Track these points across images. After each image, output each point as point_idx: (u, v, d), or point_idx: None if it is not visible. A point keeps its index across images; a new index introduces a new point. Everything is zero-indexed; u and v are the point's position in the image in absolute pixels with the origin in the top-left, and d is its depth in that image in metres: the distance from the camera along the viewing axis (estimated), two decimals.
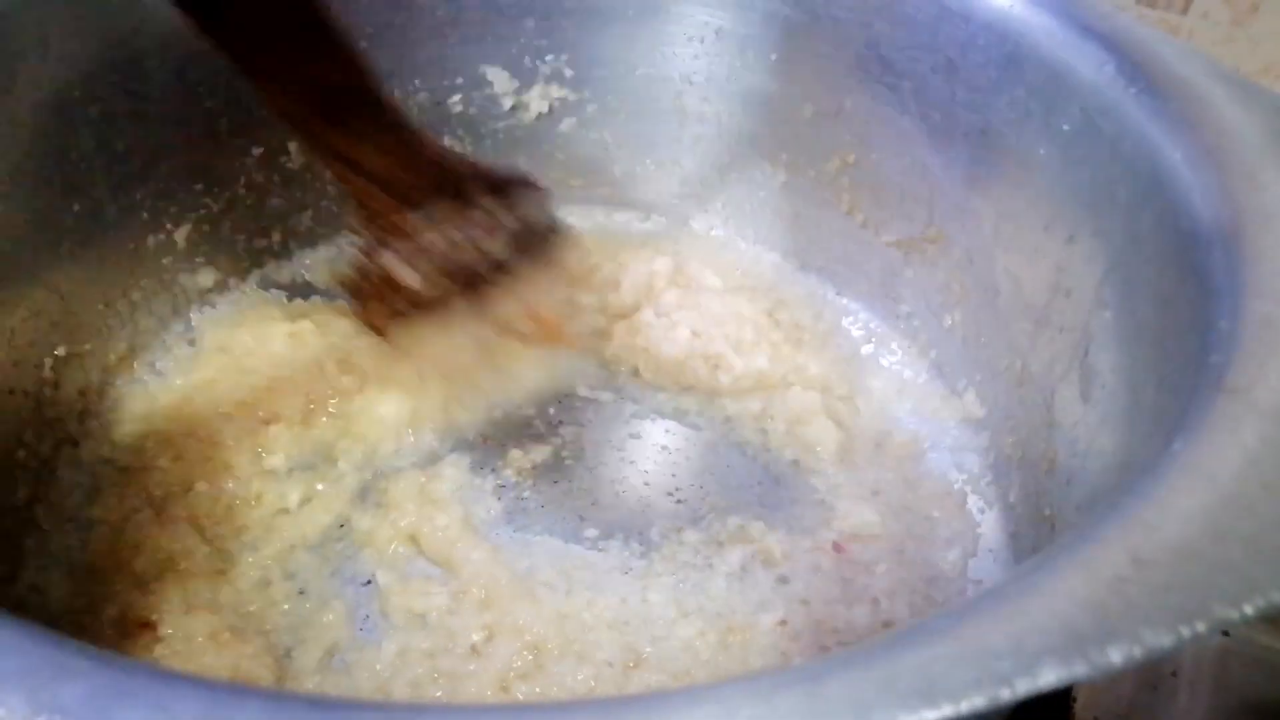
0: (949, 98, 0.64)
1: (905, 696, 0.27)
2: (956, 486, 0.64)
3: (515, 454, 0.64)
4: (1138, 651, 0.28)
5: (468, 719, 0.27)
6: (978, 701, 0.27)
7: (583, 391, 0.68)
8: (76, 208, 0.59)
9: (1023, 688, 0.28)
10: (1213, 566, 0.31)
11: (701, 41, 0.72)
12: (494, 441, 0.65)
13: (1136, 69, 0.53)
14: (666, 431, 0.67)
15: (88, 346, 0.62)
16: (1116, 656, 0.28)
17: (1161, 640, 0.29)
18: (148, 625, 0.49)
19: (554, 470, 0.64)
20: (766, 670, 0.42)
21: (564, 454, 0.65)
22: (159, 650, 0.48)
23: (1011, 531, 0.62)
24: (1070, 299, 0.57)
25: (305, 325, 0.68)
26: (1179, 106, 0.50)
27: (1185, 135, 0.48)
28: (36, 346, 0.58)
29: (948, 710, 0.27)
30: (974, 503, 0.64)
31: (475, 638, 0.53)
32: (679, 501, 0.62)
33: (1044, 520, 0.57)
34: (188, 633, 0.49)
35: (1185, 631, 0.29)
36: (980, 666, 0.28)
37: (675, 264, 0.74)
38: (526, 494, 0.62)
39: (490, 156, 0.77)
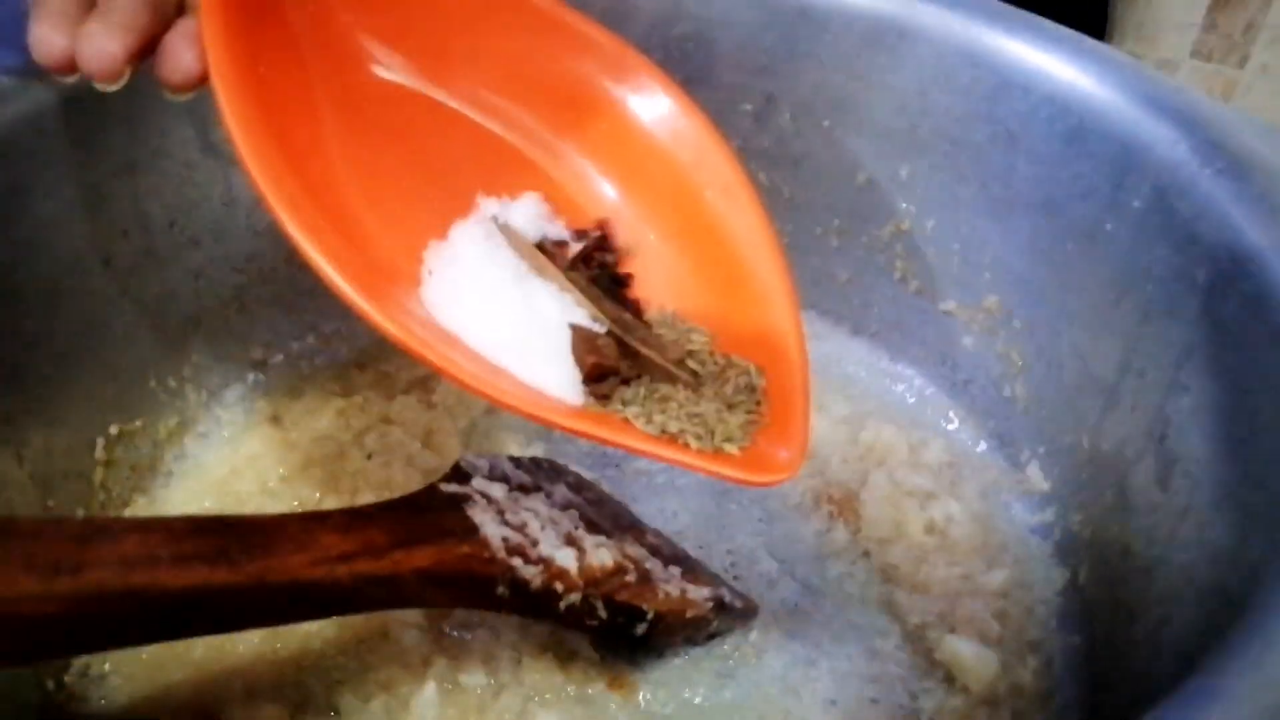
0: (1009, 169, 0.63)
1: None
2: (1019, 557, 0.63)
3: None
4: None
5: None
6: None
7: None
8: (132, 291, 0.59)
9: None
10: None
11: (751, 107, 0.72)
12: None
13: (1213, 148, 0.52)
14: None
15: (138, 423, 0.61)
16: None
17: None
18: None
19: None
20: None
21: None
22: None
23: (1080, 613, 0.60)
24: (1144, 379, 0.55)
25: (356, 400, 0.67)
26: (1263, 189, 0.49)
27: (1273, 221, 0.47)
28: (91, 427, 0.58)
29: None
30: (1039, 578, 0.62)
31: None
32: (736, 576, 0.61)
33: (1120, 605, 0.55)
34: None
35: None
36: None
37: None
38: None
39: None
